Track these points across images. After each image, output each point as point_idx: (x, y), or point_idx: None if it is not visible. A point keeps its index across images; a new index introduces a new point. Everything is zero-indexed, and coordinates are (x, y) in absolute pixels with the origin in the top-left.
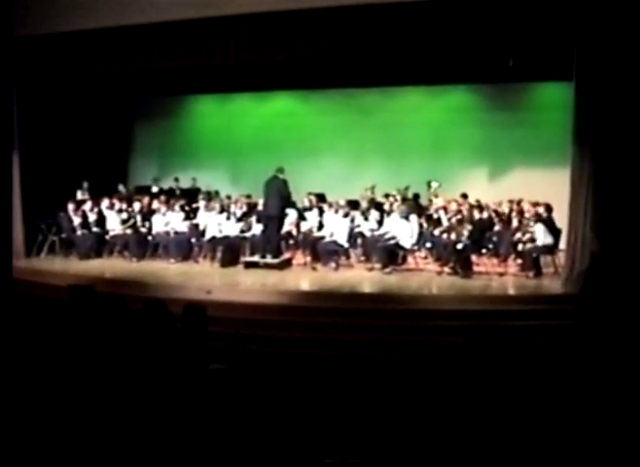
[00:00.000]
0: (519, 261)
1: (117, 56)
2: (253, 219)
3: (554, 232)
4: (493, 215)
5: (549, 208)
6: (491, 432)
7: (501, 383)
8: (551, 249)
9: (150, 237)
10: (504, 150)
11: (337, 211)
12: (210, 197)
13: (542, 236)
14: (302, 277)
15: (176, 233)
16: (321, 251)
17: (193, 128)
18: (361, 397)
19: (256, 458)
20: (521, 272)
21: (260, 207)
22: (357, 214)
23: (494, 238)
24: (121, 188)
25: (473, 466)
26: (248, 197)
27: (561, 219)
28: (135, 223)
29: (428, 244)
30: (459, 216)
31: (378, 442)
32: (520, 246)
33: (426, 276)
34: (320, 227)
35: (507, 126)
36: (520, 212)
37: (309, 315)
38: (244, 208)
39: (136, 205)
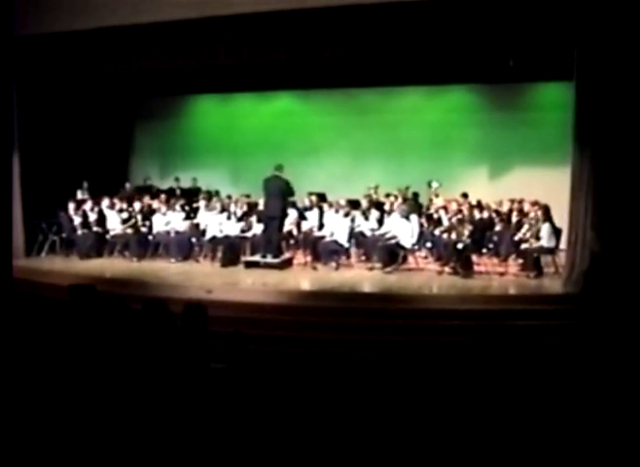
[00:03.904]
0: (520, 260)
1: (117, 56)
2: (253, 219)
3: (555, 232)
4: (494, 215)
5: (547, 209)
6: (492, 431)
7: (502, 383)
8: (552, 249)
9: (150, 237)
10: (504, 150)
11: (337, 211)
12: (211, 196)
13: (547, 237)
14: (303, 277)
15: (177, 232)
16: (321, 251)
17: (193, 128)
18: (361, 397)
19: (256, 458)
20: (522, 272)
21: (260, 207)
22: (357, 214)
23: (495, 238)
24: (127, 185)
25: (475, 465)
26: (248, 196)
27: (561, 219)
28: (136, 222)
29: (428, 244)
30: (459, 216)
31: (378, 442)
32: (523, 245)
33: (426, 276)
34: (321, 226)
35: (507, 126)
36: (521, 211)
37: (310, 315)
38: (245, 208)
39: (137, 205)
